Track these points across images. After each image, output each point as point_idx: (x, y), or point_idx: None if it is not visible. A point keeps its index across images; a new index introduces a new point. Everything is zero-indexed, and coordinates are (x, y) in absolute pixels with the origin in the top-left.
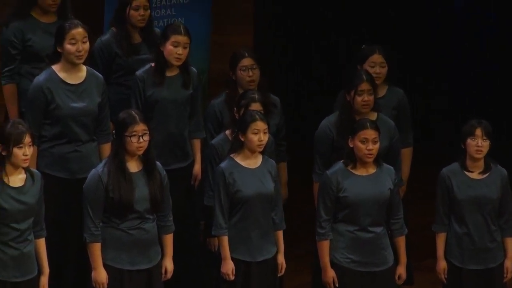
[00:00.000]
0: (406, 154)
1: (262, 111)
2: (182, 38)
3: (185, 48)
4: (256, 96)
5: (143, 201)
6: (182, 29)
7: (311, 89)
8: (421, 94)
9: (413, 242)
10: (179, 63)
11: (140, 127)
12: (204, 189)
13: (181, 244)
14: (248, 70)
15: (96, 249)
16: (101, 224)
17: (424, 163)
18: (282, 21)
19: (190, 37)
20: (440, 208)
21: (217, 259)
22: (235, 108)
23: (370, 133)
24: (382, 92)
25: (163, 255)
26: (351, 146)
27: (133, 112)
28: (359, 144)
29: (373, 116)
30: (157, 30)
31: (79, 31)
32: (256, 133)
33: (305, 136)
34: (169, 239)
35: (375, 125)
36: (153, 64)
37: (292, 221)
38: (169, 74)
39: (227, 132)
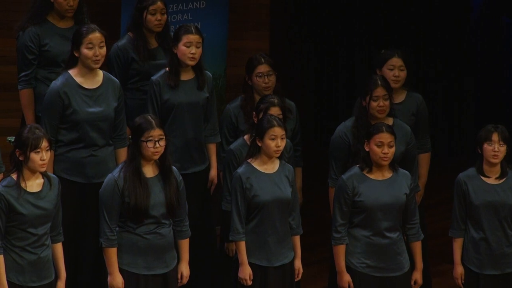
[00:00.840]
0: (424, 159)
1: (281, 116)
2: (193, 37)
3: (198, 47)
4: (276, 101)
5: (159, 206)
6: (193, 29)
7: (324, 93)
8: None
9: (430, 247)
10: (193, 63)
11: (156, 132)
12: (222, 194)
13: (196, 249)
14: (264, 76)
15: (112, 254)
16: (117, 229)
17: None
18: (298, 27)
19: (201, 36)
20: (457, 213)
21: (235, 264)
22: (254, 113)
23: (386, 137)
24: (401, 97)
25: (179, 260)
26: (367, 150)
27: (150, 117)
28: (375, 148)
29: (389, 121)
30: None
31: (96, 36)
32: (273, 139)
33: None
34: (185, 244)
35: (391, 129)
36: (167, 68)
37: None
38: (184, 78)
39: (246, 137)
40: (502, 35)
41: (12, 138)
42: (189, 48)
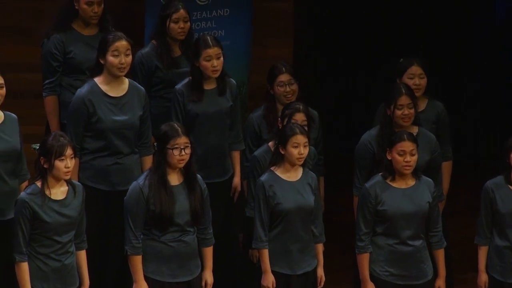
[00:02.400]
0: (446, 168)
1: (305, 122)
2: (212, 51)
3: (218, 58)
4: (301, 107)
5: (183, 214)
6: (210, 42)
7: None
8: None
9: (454, 255)
10: (217, 75)
11: (182, 140)
12: (247, 201)
13: (219, 257)
14: (285, 85)
15: (137, 262)
16: (141, 236)
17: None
18: (322, 34)
19: (220, 46)
20: (483, 221)
21: (258, 271)
22: (279, 119)
23: (408, 145)
24: (422, 106)
25: (203, 268)
26: (389, 158)
27: (176, 125)
28: (397, 157)
29: (414, 130)
30: None
31: (122, 44)
32: (296, 147)
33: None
34: (209, 252)
35: (413, 137)
36: (190, 78)
37: None
38: (207, 87)
39: (270, 143)
40: None
41: (36, 146)
42: (210, 62)
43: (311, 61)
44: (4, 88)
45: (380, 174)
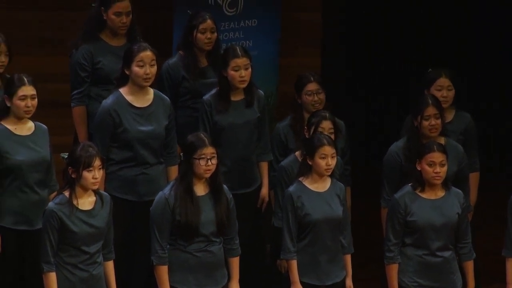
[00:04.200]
0: (473, 179)
1: (332, 130)
2: (241, 61)
3: (246, 69)
4: (327, 115)
5: (209, 224)
6: (239, 52)
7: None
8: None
9: (482, 267)
10: (244, 85)
11: (209, 150)
12: (274, 211)
13: (246, 267)
14: (313, 94)
15: (163, 272)
16: (167, 246)
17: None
18: (349, 44)
19: (249, 57)
20: (510, 233)
21: (286, 282)
22: (305, 127)
23: (437, 156)
24: (449, 117)
25: (229, 278)
26: (419, 169)
27: (202, 135)
28: (427, 167)
29: (441, 140)
30: None
31: (147, 54)
32: (323, 158)
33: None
34: (235, 262)
35: (442, 148)
36: (218, 88)
37: None
38: (234, 98)
39: (297, 153)
40: None
41: (65, 154)
42: (237, 72)
43: (339, 70)
44: (36, 99)
45: (409, 184)
